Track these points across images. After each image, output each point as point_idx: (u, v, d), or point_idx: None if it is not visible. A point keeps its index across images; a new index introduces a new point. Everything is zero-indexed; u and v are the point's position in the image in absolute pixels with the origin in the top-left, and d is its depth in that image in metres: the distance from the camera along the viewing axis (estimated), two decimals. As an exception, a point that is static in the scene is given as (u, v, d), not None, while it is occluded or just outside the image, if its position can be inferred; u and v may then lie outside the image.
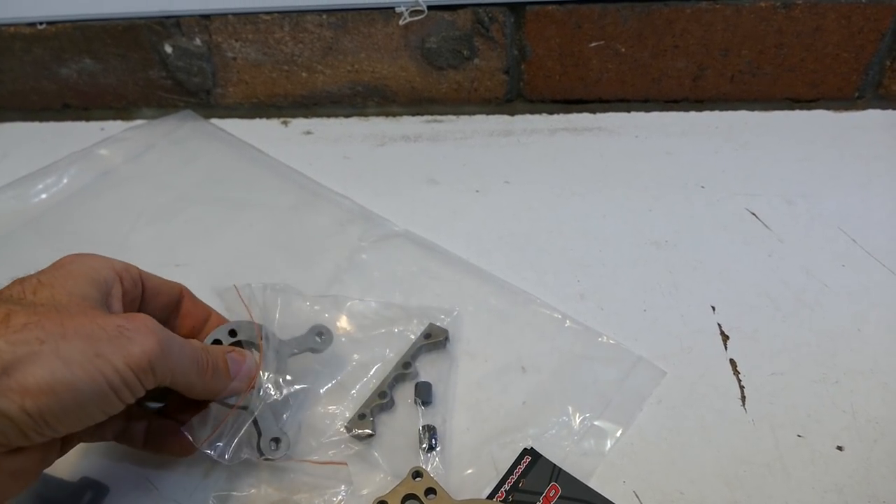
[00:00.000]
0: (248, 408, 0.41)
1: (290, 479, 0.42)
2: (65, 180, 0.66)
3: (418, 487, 0.41)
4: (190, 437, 0.39)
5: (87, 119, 0.77)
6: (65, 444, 0.37)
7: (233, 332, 0.44)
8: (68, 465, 0.42)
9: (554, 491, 0.42)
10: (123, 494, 0.42)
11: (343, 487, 0.41)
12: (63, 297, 0.33)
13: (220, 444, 0.39)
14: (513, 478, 0.42)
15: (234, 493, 0.41)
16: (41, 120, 0.77)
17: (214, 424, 0.39)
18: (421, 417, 0.45)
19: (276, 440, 0.41)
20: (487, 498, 0.41)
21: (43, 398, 0.30)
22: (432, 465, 0.43)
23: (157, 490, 0.42)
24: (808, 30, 0.63)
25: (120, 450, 0.43)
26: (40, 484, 0.40)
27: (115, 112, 0.76)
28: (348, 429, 0.44)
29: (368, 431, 0.44)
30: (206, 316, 0.45)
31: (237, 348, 0.42)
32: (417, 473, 0.41)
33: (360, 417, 0.45)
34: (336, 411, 0.46)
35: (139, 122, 0.74)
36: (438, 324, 0.50)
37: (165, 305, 0.42)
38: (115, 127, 0.74)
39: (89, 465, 0.43)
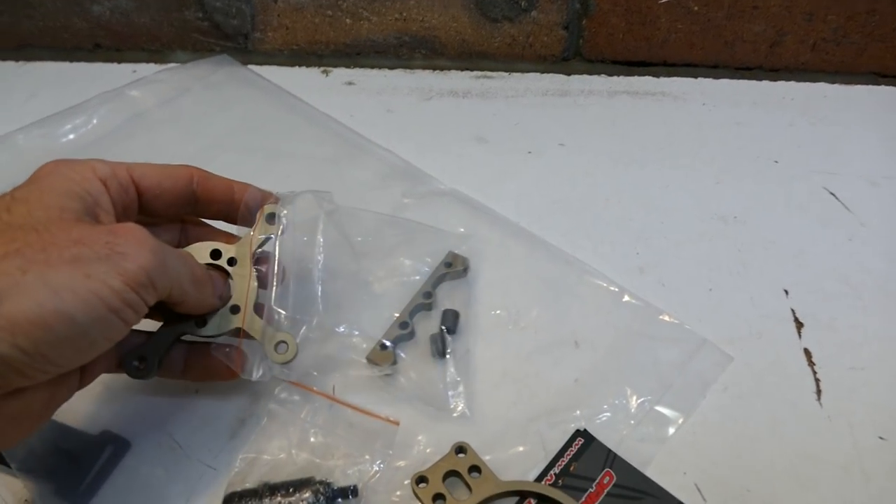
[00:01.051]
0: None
1: (325, 443, 0.39)
2: (94, 121, 0.62)
3: (461, 465, 0.37)
4: (231, 365, 0.37)
5: (119, 61, 0.73)
6: (84, 376, 0.34)
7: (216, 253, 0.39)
8: (88, 417, 0.40)
9: (608, 478, 0.38)
10: (145, 451, 0.39)
11: (378, 462, 0.38)
12: (41, 213, 0.30)
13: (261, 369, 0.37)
14: (563, 460, 0.39)
15: (265, 457, 0.38)
16: (71, 60, 0.74)
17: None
18: (441, 344, 0.43)
19: (283, 342, 0.37)
20: (535, 480, 0.38)
21: (36, 332, 0.27)
22: (449, 372, 0.42)
23: (181, 448, 0.39)
24: (905, -6, 0.57)
25: (143, 404, 0.41)
26: (58, 434, 0.37)
27: (149, 54, 0.73)
28: (370, 360, 0.42)
29: (388, 365, 0.42)
30: (230, 192, 0.40)
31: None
32: (461, 449, 0.38)
33: (382, 348, 0.42)
34: (357, 339, 0.43)
35: (173, 65, 0.71)
36: (456, 251, 0.47)
37: (175, 200, 0.38)
38: (147, 70, 0.71)
39: (111, 417, 0.40)
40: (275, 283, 0.38)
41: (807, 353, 0.44)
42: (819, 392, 0.42)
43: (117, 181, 0.35)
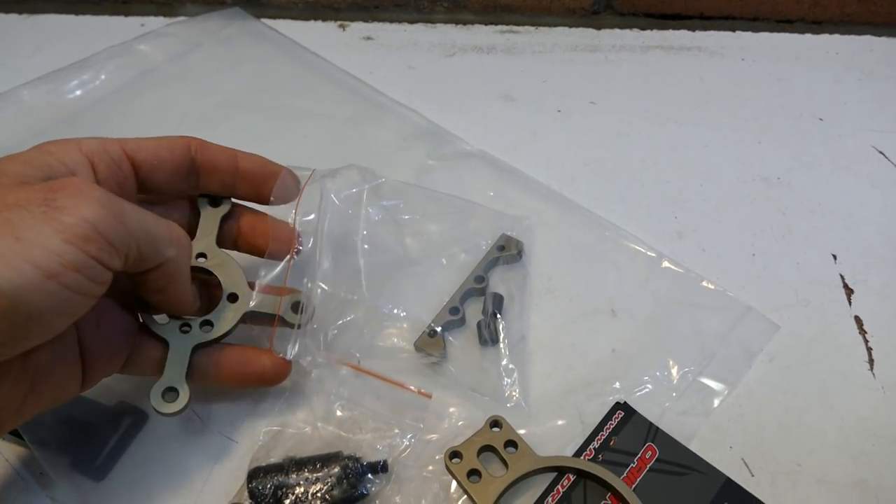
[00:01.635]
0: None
1: (352, 416, 0.37)
2: (102, 76, 0.60)
3: (497, 439, 0.35)
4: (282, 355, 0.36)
5: (127, 13, 0.70)
6: (86, 375, 0.32)
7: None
8: (103, 386, 0.37)
9: (650, 452, 0.36)
10: (164, 423, 0.37)
11: (409, 436, 0.36)
12: None
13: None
14: (603, 434, 0.37)
15: (289, 430, 0.36)
16: (76, 13, 0.71)
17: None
18: (492, 330, 0.40)
19: (296, 304, 0.36)
20: (574, 455, 0.36)
21: None
22: (503, 360, 0.39)
23: (200, 420, 0.38)
24: (967, -62, 0.53)
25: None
26: (72, 405, 0.35)
27: (157, 7, 0.70)
28: (418, 347, 0.40)
29: (438, 353, 0.39)
30: (232, 160, 0.36)
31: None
32: (496, 423, 0.36)
33: (431, 335, 0.40)
34: (403, 322, 0.41)
35: (182, 18, 0.67)
36: (510, 234, 0.45)
37: (175, 171, 0.35)
38: (156, 23, 0.68)
39: (127, 387, 0.38)
40: (320, 261, 0.37)
41: (857, 321, 0.42)
42: (871, 362, 0.40)
43: (108, 156, 0.32)
